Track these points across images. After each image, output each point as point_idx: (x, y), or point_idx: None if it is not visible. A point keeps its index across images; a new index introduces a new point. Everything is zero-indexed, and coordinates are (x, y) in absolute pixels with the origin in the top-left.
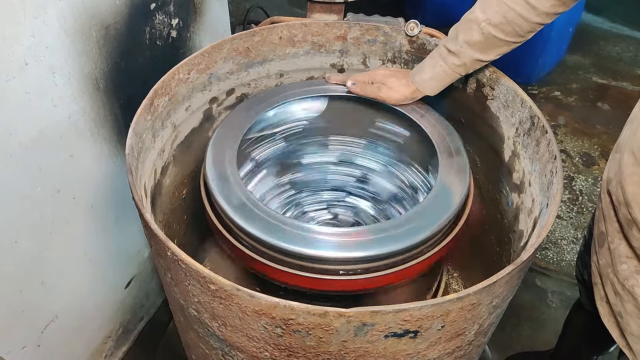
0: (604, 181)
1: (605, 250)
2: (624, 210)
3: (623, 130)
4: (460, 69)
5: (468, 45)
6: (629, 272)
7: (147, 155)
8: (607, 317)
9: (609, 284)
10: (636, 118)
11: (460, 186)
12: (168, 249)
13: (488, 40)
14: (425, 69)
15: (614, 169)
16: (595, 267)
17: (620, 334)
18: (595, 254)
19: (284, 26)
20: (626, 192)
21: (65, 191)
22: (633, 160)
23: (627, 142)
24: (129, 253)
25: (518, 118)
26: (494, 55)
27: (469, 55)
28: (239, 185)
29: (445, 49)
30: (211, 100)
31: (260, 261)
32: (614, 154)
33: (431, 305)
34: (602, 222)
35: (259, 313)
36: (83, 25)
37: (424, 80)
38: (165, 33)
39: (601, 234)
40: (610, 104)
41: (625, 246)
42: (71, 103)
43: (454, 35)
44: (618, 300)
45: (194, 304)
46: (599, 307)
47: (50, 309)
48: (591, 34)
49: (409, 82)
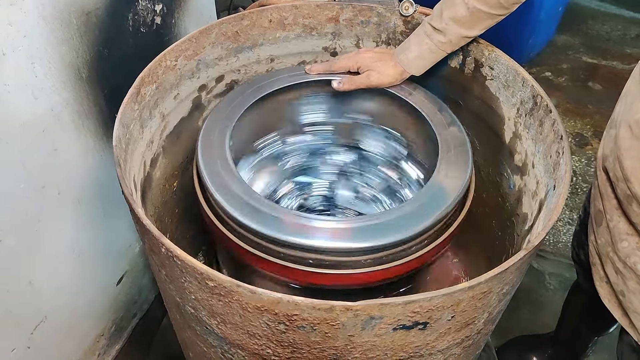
0: (599, 158)
1: (603, 228)
2: (622, 186)
3: (616, 105)
4: (446, 46)
5: (453, 21)
6: (630, 249)
7: (136, 146)
8: (608, 297)
9: (609, 263)
10: (629, 92)
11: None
12: (162, 245)
13: (473, 14)
14: (411, 46)
15: (609, 145)
16: (594, 247)
17: (622, 313)
18: (593, 233)
19: (274, 9)
20: (624, 167)
21: (50, 187)
22: (630, 134)
23: (623, 116)
24: (120, 249)
25: (519, 98)
26: (478, 30)
27: (455, 31)
28: (235, 177)
29: (430, 26)
30: (200, 87)
31: (257, 255)
32: (609, 130)
33: (442, 296)
34: (599, 200)
35: (260, 309)
36: (62, 12)
37: (410, 60)
38: (149, 19)
39: (598, 212)
40: (601, 83)
41: (625, 223)
42: (53, 94)
43: (438, 12)
44: (619, 279)
45: (191, 301)
46: (599, 287)
47: (39, 309)
48: (579, 13)
49: (396, 64)
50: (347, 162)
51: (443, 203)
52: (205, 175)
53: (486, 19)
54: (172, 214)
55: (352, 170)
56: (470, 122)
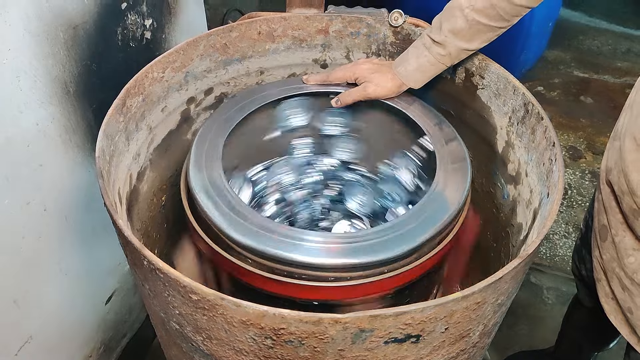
0: (603, 171)
1: (608, 244)
2: (628, 200)
3: (620, 117)
4: (445, 59)
5: (452, 34)
6: (637, 265)
7: (121, 159)
8: (614, 314)
9: (615, 279)
10: (635, 103)
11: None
12: (144, 258)
13: (472, 26)
14: (409, 59)
15: (613, 157)
16: (598, 263)
17: (630, 330)
18: (598, 248)
19: (263, 20)
20: (630, 180)
21: (35, 203)
22: (635, 146)
23: (628, 127)
24: (109, 266)
25: (511, 106)
26: (478, 43)
27: (454, 44)
28: (226, 191)
29: (430, 39)
30: (189, 100)
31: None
32: (613, 142)
33: (434, 307)
34: (604, 214)
35: (246, 323)
36: (49, 26)
37: (408, 72)
38: (138, 34)
39: (603, 227)
40: (592, 97)
41: (631, 238)
42: (39, 109)
43: (437, 24)
44: (627, 296)
45: (175, 316)
46: (604, 304)
47: (24, 329)
48: (570, 29)
49: (394, 76)
50: (341, 178)
51: (440, 217)
52: (196, 190)
53: (486, 31)
54: (160, 229)
55: (345, 180)
56: (462, 132)
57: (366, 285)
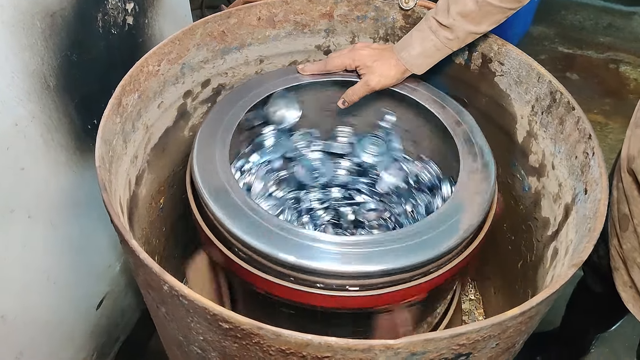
0: (623, 159)
1: (630, 233)
2: None
3: None
4: (452, 43)
5: (461, 16)
6: None
7: (120, 164)
8: (632, 302)
9: (635, 268)
10: None
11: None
12: (165, 283)
13: (482, 8)
14: (413, 43)
15: (636, 144)
16: (616, 252)
17: None
18: (617, 237)
19: (263, 5)
20: None
21: (19, 210)
22: None
23: None
24: (98, 270)
25: (534, 94)
26: (487, 26)
27: (463, 28)
28: (237, 193)
29: (436, 22)
30: (185, 94)
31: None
32: (634, 130)
33: (491, 326)
34: (625, 203)
35: (285, 352)
36: (24, 14)
37: (412, 57)
38: (120, 20)
39: (624, 216)
40: (578, 73)
41: None
42: (17, 107)
43: (444, 7)
44: None
45: (198, 341)
46: (622, 292)
47: (13, 344)
48: (552, 4)
49: (397, 62)
50: (352, 177)
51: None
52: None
53: (496, 13)
54: (159, 233)
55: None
56: (476, 121)
57: (394, 292)
